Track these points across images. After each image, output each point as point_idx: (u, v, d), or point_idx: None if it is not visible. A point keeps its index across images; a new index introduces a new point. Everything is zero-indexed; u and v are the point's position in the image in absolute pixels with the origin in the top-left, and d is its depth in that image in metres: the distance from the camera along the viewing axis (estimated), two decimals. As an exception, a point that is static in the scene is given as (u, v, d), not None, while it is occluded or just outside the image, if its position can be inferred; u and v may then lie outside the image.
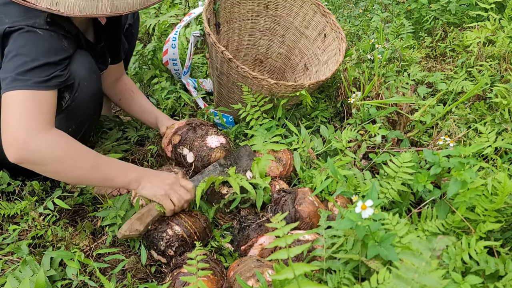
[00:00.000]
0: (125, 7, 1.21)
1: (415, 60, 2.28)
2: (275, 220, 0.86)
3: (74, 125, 1.41)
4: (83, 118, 1.42)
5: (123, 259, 1.31)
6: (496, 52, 2.12)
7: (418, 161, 1.36)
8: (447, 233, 1.14)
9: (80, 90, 1.34)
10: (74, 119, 1.39)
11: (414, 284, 0.78)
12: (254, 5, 2.20)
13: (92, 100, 1.41)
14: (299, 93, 1.70)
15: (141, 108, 1.78)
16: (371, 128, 1.58)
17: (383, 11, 3.20)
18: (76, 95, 1.34)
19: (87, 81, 1.35)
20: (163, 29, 2.51)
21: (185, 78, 2.20)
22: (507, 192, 1.08)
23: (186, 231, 1.32)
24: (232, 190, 1.47)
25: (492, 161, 1.46)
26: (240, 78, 1.71)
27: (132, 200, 1.44)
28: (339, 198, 1.43)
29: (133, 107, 1.78)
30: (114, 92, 1.79)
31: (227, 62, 1.67)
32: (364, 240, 0.98)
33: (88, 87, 1.36)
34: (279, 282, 0.97)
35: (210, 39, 1.70)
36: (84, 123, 1.44)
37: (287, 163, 1.59)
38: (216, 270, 1.20)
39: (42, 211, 1.37)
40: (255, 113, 1.75)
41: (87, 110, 1.41)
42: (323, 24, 2.12)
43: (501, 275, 0.99)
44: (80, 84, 1.33)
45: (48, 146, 1.16)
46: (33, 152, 1.14)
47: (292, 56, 2.29)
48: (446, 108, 1.74)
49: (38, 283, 1.10)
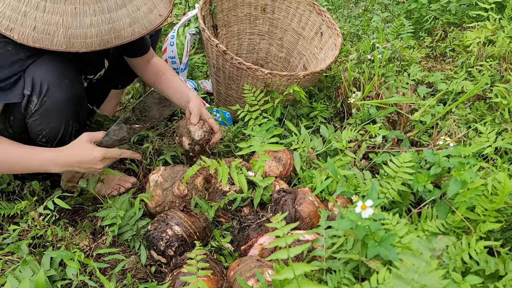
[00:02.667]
0: (82, 45, 1.19)
1: (415, 60, 2.28)
2: (275, 220, 0.86)
3: (48, 129, 1.39)
4: (56, 123, 1.39)
5: (123, 259, 1.31)
6: (496, 52, 2.12)
7: (418, 161, 1.36)
8: (447, 233, 1.14)
9: (50, 95, 1.32)
10: (46, 123, 1.37)
11: (414, 284, 0.78)
12: (251, 9, 2.21)
13: (65, 105, 1.37)
14: (293, 89, 1.70)
15: (173, 90, 1.72)
16: (371, 128, 1.58)
17: (383, 11, 3.20)
18: (44, 99, 1.32)
19: (56, 86, 1.32)
20: (163, 29, 2.51)
21: (182, 75, 2.20)
22: (507, 192, 1.08)
23: (186, 231, 1.32)
24: (234, 187, 1.47)
25: (492, 161, 1.46)
26: (235, 71, 1.71)
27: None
28: (339, 198, 1.43)
29: (165, 90, 1.73)
30: (147, 76, 1.76)
31: (222, 55, 1.67)
32: (364, 240, 0.98)
33: (60, 92, 1.33)
34: (279, 282, 0.97)
35: (205, 34, 1.70)
36: (59, 127, 1.40)
37: (287, 163, 1.59)
38: (216, 270, 1.20)
39: (42, 211, 1.37)
40: (253, 113, 1.75)
41: (60, 115, 1.38)
42: (319, 23, 2.13)
43: (501, 275, 0.99)
44: (49, 89, 1.31)
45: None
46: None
47: (291, 58, 2.30)
48: (446, 108, 1.74)
49: (38, 283, 1.10)
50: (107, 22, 1.19)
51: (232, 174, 1.43)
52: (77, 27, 1.16)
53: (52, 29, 1.15)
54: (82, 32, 1.17)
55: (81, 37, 1.18)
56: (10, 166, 1.35)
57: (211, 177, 1.57)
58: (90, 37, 1.19)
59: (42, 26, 1.15)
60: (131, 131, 1.43)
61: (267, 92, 1.81)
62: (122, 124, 1.43)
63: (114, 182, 1.62)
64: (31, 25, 1.15)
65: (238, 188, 1.47)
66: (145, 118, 1.45)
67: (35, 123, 1.37)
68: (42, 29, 1.15)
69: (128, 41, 1.24)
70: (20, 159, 1.33)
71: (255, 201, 1.44)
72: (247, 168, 1.54)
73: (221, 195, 1.48)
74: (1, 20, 1.15)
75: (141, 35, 1.25)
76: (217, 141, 1.65)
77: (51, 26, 1.15)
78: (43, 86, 1.30)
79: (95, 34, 1.19)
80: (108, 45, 1.22)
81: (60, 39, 1.17)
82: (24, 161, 1.34)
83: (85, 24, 1.17)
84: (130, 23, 1.23)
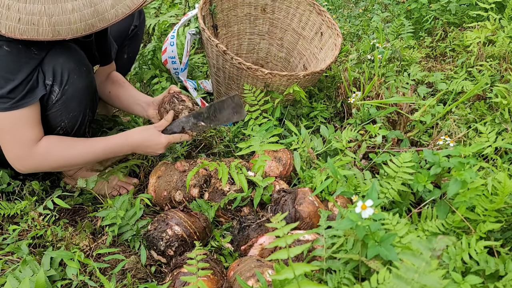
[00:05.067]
0: (68, 32, 1.18)
1: (415, 60, 2.28)
2: (275, 220, 0.86)
3: (67, 119, 1.40)
4: (76, 112, 1.41)
5: (123, 259, 1.31)
6: (496, 52, 2.12)
7: (418, 161, 1.36)
8: (447, 233, 1.14)
9: (70, 83, 1.33)
10: (66, 113, 1.39)
11: (414, 284, 0.78)
12: (251, 9, 2.21)
13: (84, 93, 1.40)
14: (293, 89, 1.70)
15: (130, 97, 1.73)
16: (371, 128, 1.58)
17: (383, 11, 3.20)
18: (66, 88, 1.33)
19: (76, 73, 1.34)
20: (163, 29, 2.51)
21: (182, 75, 2.20)
22: (507, 192, 1.08)
23: (186, 231, 1.32)
24: (234, 187, 1.47)
25: (492, 161, 1.46)
26: (235, 71, 1.71)
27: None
28: (339, 198, 1.43)
29: (122, 97, 1.73)
30: (103, 87, 1.76)
31: (222, 55, 1.68)
32: (364, 240, 0.98)
33: (79, 79, 1.35)
34: (279, 282, 0.97)
35: (205, 34, 1.70)
36: (77, 117, 1.43)
37: (287, 163, 1.59)
38: (216, 270, 1.20)
39: (42, 211, 1.37)
40: (253, 113, 1.75)
41: (79, 103, 1.40)
42: (319, 23, 2.13)
43: (501, 275, 0.99)
44: (69, 77, 1.32)
45: (41, 159, 1.36)
46: (33, 168, 1.39)
47: (291, 58, 2.30)
48: (446, 108, 1.74)
49: (38, 283, 1.10)
50: (88, 5, 1.18)
51: (232, 173, 1.43)
52: (60, 13, 1.16)
53: (36, 19, 1.15)
54: (66, 18, 1.17)
55: (65, 23, 1.17)
56: (92, 159, 1.45)
57: (211, 177, 1.57)
58: (74, 23, 1.18)
59: (26, 17, 1.15)
60: (194, 127, 1.47)
61: (267, 92, 1.81)
62: (191, 117, 1.46)
63: (115, 182, 1.62)
64: (15, 17, 1.15)
65: (238, 188, 1.47)
66: (214, 118, 1.47)
67: (55, 114, 1.38)
68: (27, 20, 1.15)
69: (113, 23, 1.23)
70: (100, 150, 1.44)
71: (255, 201, 1.44)
72: (247, 168, 1.54)
73: (221, 195, 1.48)
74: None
75: (125, 16, 1.24)
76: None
77: (35, 15, 1.15)
78: (64, 75, 1.32)
79: (78, 19, 1.18)
80: (93, 29, 1.21)
81: (45, 27, 1.16)
82: (103, 151, 1.44)
83: (67, 10, 1.16)
84: (112, 4, 1.21)
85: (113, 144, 1.45)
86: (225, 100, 1.46)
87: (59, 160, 1.39)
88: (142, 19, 1.83)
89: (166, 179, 1.53)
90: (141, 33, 1.87)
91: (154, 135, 1.48)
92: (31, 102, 1.28)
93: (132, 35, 1.79)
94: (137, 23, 1.79)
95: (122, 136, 1.47)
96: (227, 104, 1.46)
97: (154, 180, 1.55)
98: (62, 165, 1.42)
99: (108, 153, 1.46)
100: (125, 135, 1.48)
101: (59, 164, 1.41)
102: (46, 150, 1.35)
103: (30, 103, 1.28)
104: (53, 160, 1.38)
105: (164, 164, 1.59)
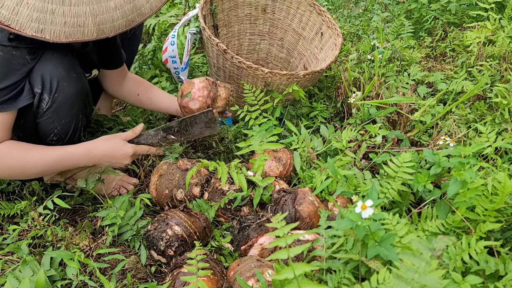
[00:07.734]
0: (111, 30, 1.21)
1: (415, 60, 2.28)
2: (275, 220, 0.86)
3: (60, 126, 1.40)
4: (68, 119, 1.40)
5: (123, 259, 1.31)
6: (496, 52, 2.12)
7: (418, 161, 1.36)
8: (447, 233, 1.14)
9: (60, 90, 1.33)
10: (58, 120, 1.38)
11: (414, 284, 0.78)
12: (251, 9, 2.21)
13: (75, 99, 1.39)
14: (292, 89, 1.70)
15: (163, 96, 1.74)
16: (371, 128, 1.58)
17: (383, 11, 3.20)
18: (55, 95, 1.33)
19: (66, 80, 1.33)
20: (163, 29, 2.51)
21: (183, 75, 2.20)
22: (507, 192, 1.08)
23: (185, 231, 1.32)
24: (234, 187, 1.47)
25: (492, 161, 1.46)
26: (236, 70, 1.71)
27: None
28: (339, 198, 1.43)
29: (153, 97, 1.75)
30: (127, 91, 1.77)
31: (223, 54, 1.68)
32: (364, 240, 0.98)
33: (70, 86, 1.35)
34: (279, 282, 0.97)
35: (206, 33, 1.70)
36: (70, 123, 1.42)
37: (287, 163, 1.59)
38: (216, 270, 1.20)
39: (42, 211, 1.37)
40: (253, 113, 1.75)
41: (71, 109, 1.39)
42: (319, 23, 2.13)
43: (501, 275, 0.99)
44: (59, 84, 1.32)
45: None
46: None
47: (292, 58, 2.30)
48: (446, 108, 1.74)
49: (38, 283, 1.10)
50: (128, 1, 1.22)
51: (232, 173, 1.43)
52: (104, 12, 1.18)
53: (82, 20, 1.17)
54: (109, 17, 1.19)
55: (109, 21, 1.20)
56: (45, 169, 1.38)
57: (211, 177, 1.57)
58: (117, 20, 1.21)
59: (72, 20, 1.16)
60: (164, 140, 1.46)
61: (267, 91, 1.81)
62: (161, 131, 1.45)
63: (115, 182, 1.62)
64: (61, 21, 1.15)
65: (238, 188, 1.47)
66: (185, 132, 1.47)
67: (46, 122, 1.38)
68: (73, 22, 1.16)
69: (149, 16, 1.27)
70: (53, 160, 1.37)
71: (254, 201, 1.44)
72: (247, 168, 1.54)
73: (221, 194, 1.48)
74: (30, 23, 1.14)
75: (158, 9, 1.28)
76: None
77: (80, 17, 1.16)
78: (53, 82, 1.31)
79: (120, 16, 1.21)
80: (132, 24, 1.25)
81: (90, 28, 1.18)
82: (57, 161, 1.37)
83: (110, 8, 1.19)
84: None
85: (69, 154, 1.39)
86: (197, 115, 1.48)
87: (13, 165, 1.33)
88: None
89: (168, 178, 1.53)
90: (139, 34, 1.87)
91: (118, 144, 1.44)
92: (9, 109, 1.28)
93: (131, 35, 1.79)
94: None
95: (82, 147, 1.42)
96: (200, 119, 1.48)
97: (156, 179, 1.55)
98: (16, 172, 1.35)
99: (64, 163, 1.39)
100: (88, 146, 1.42)
101: (13, 171, 1.34)
102: (1, 153, 1.31)
103: (8, 110, 1.28)
104: (7, 164, 1.32)
105: (166, 163, 1.59)
